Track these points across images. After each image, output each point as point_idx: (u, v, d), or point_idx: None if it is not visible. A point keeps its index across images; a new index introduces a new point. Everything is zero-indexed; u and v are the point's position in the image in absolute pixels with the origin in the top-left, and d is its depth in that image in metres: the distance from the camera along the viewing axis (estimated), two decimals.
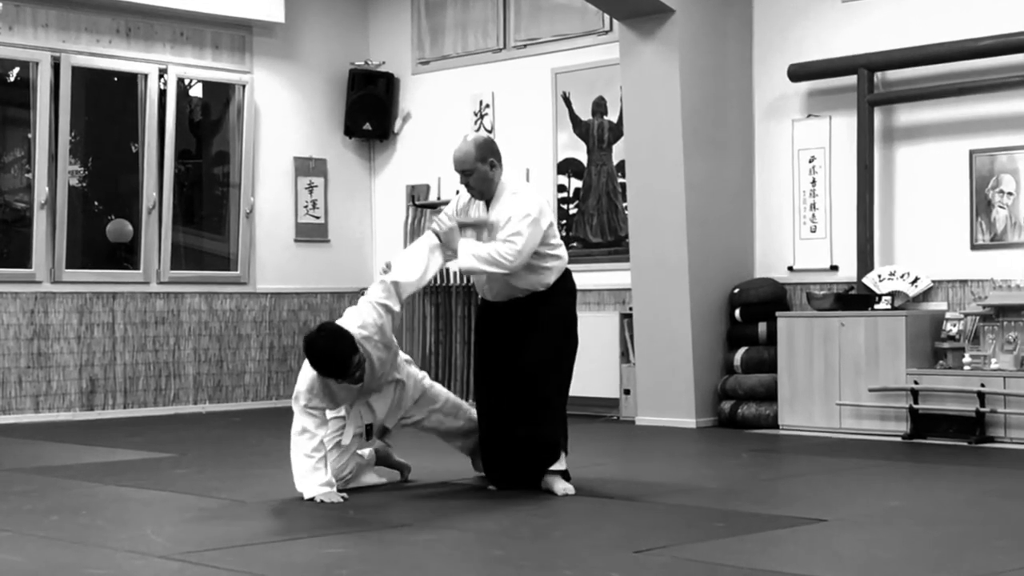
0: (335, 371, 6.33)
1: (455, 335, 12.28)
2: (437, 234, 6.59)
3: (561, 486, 6.62)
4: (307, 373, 6.41)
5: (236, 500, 6.47)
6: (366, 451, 6.86)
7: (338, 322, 6.51)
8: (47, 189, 11.07)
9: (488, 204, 6.69)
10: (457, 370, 12.25)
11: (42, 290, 11.09)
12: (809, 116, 10.28)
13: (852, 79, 9.89)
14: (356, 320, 6.47)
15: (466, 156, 6.62)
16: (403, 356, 6.84)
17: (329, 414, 6.53)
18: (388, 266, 6.67)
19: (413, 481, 7.04)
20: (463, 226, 6.63)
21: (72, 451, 8.80)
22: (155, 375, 11.62)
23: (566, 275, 6.84)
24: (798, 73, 10.14)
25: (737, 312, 10.21)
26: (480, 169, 6.61)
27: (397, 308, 6.56)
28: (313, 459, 6.33)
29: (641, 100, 10.27)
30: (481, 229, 6.64)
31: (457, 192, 6.98)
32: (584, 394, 11.00)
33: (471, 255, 6.48)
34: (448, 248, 6.60)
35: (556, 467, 6.66)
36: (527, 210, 6.54)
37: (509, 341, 6.72)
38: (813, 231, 10.22)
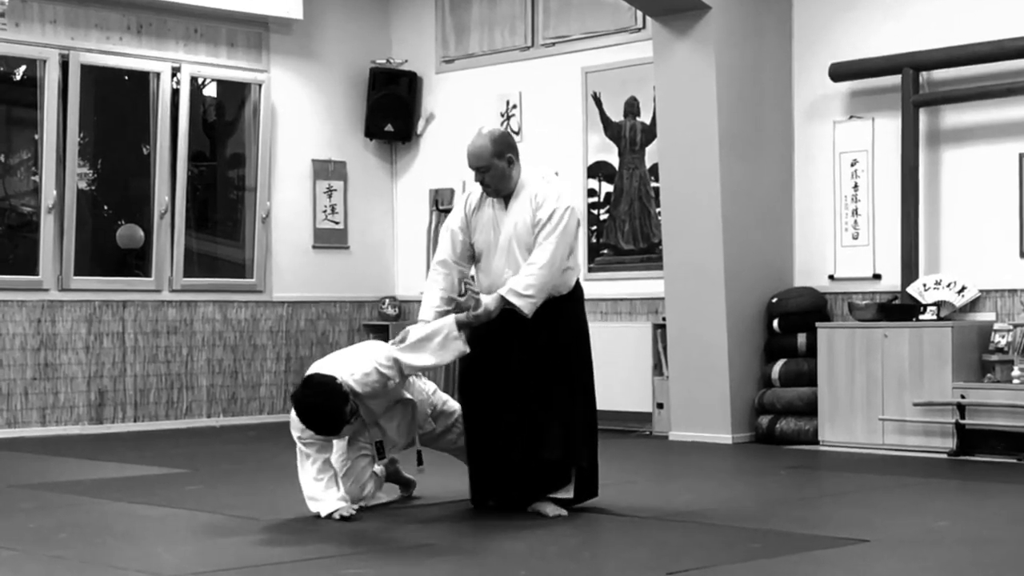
0: (327, 429, 6.31)
1: None
2: (462, 324, 6.34)
3: (552, 508, 6.47)
4: None
5: (250, 518, 6.48)
6: (378, 468, 6.86)
7: (330, 361, 6.47)
8: (55, 192, 11.11)
9: (507, 202, 6.52)
10: None
11: (49, 298, 11.14)
12: (851, 117, 10.26)
13: (896, 79, 9.87)
14: (350, 366, 6.38)
15: (481, 151, 6.47)
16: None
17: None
18: (404, 336, 6.39)
19: (423, 497, 7.03)
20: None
21: (80, 466, 8.83)
22: (167, 387, 11.65)
23: (578, 283, 6.73)
24: (839, 72, 10.13)
25: (775, 322, 10.20)
26: (497, 166, 6.47)
27: (397, 380, 6.39)
28: (323, 480, 6.32)
29: (675, 101, 10.27)
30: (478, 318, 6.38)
31: (466, 192, 6.77)
32: (615, 408, 11.01)
33: (524, 298, 6.24)
34: (482, 317, 6.32)
35: (562, 494, 6.52)
36: (567, 202, 6.42)
37: (528, 353, 6.44)
38: (855, 238, 10.20)
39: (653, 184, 11.11)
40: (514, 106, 12.22)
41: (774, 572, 5.12)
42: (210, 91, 12.69)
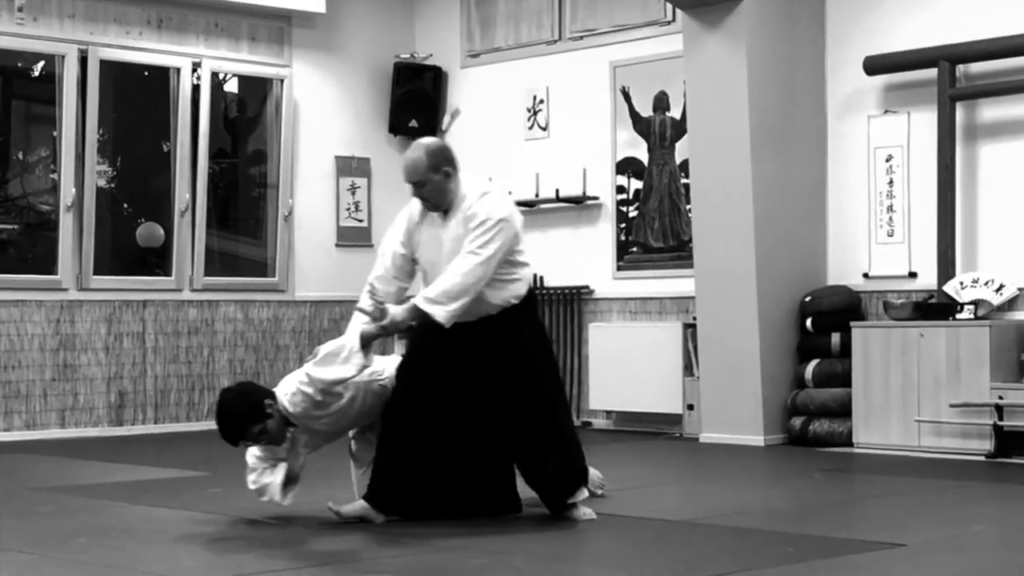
0: (225, 435, 6.40)
1: None
2: (365, 311, 6.29)
3: (583, 511, 6.49)
4: None
5: (273, 522, 6.49)
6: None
7: (285, 380, 6.50)
8: (74, 190, 11.15)
9: (446, 215, 6.39)
10: None
11: (68, 298, 11.17)
12: (886, 112, 10.24)
13: (932, 72, 9.84)
14: (285, 387, 6.44)
15: (416, 165, 6.35)
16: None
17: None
18: (316, 352, 6.39)
19: None
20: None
21: (100, 469, 8.86)
22: (187, 388, 11.67)
23: (533, 288, 6.65)
24: (874, 66, 10.11)
25: (808, 322, 10.18)
26: (434, 180, 6.34)
27: (319, 398, 6.33)
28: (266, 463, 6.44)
29: (706, 95, 10.26)
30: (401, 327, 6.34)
31: (408, 206, 6.62)
32: (645, 409, 11.02)
33: (435, 304, 6.15)
34: (389, 328, 6.26)
35: (578, 497, 6.52)
36: (501, 213, 6.30)
37: (471, 360, 6.37)
38: (890, 235, 10.18)
39: (683, 180, 11.10)
40: (541, 101, 12.22)
41: None
42: (231, 86, 12.73)
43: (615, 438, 10.85)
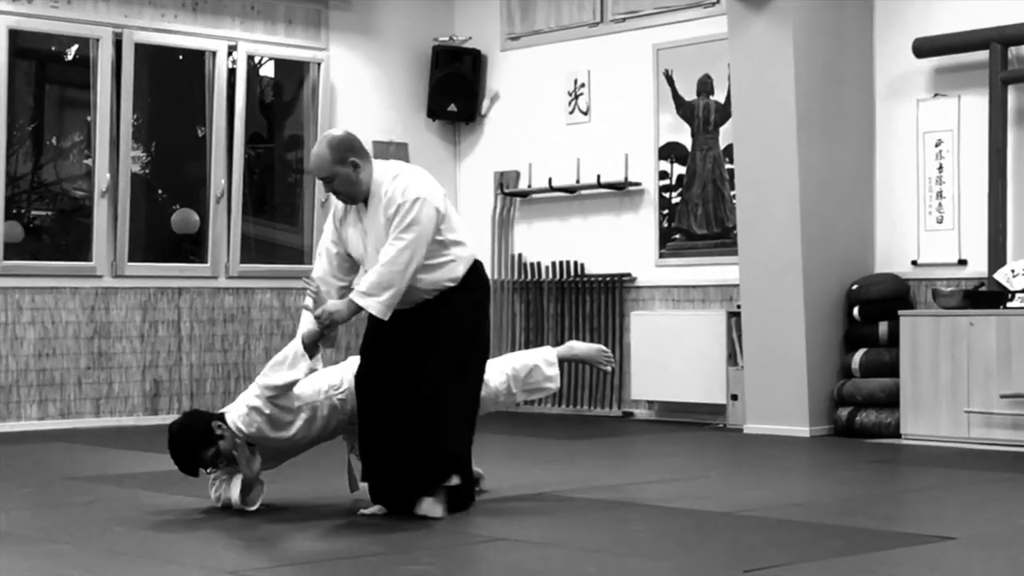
0: (182, 466, 6.45)
1: (547, 335, 12.31)
2: (308, 307, 6.34)
3: (438, 509, 6.27)
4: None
5: (311, 512, 6.53)
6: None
7: (235, 402, 6.52)
8: (108, 176, 11.20)
9: (366, 204, 6.33)
10: None
11: (103, 285, 11.24)
12: (936, 95, 10.20)
13: (983, 55, 9.80)
14: (237, 408, 6.46)
15: (321, 161, 6.27)
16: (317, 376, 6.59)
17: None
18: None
19: (490, 491, 7.05)
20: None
21: (135, 458, 8.92)
22: (223, 377, 11.73)
23: (477, 268, 6.54)
24: (924, 48, 10.07)
25: (855, 311, 10.16)
26: (341, 173, 6.26)
27: (268, 411, 6.32)
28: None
29: (751, 78, 10.24)
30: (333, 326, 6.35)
31: (333, 204, 6.59)
32: (688, 400, 11.02)
33: (368, 296, 6.15)
34: (324, 320, 6.27)
35: (451, 483, 6.31)
36: (413, 193, 6.20)
37: (407, 348, 6.36)
38: (939, 222, 10.15)
39: (727, 166, 11.09)
40: (582, 85, 12.23)
41: (856, 571, 5.11)
42: (267, 70, 12.77)
43: (657, 429, 10.86)
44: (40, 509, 6.76)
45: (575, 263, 12.17)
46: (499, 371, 6.96)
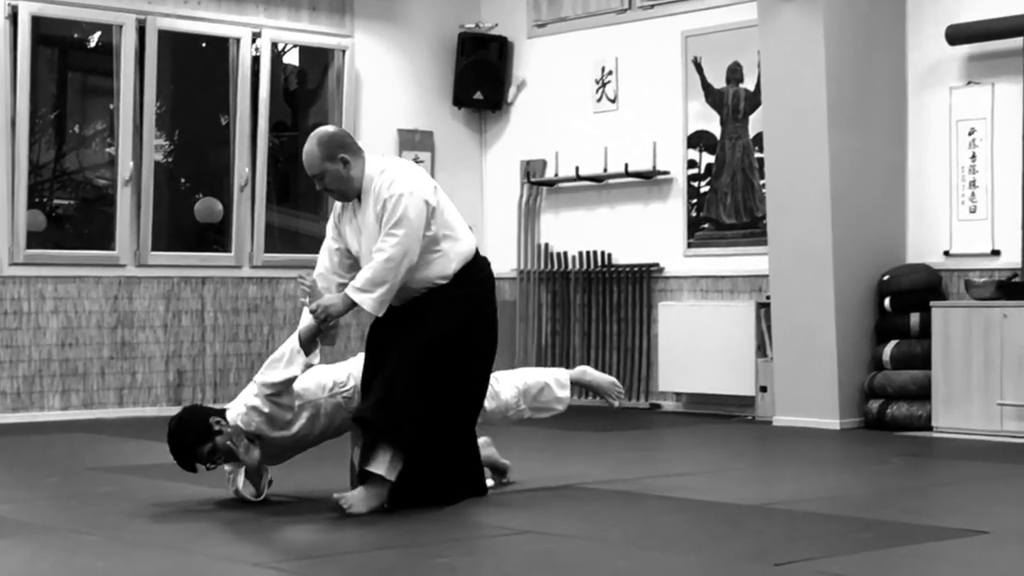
0: (179, 461, 6.45)
1: (574, 326, 12.31)
2: (305, 333, 6.29)
3: (362, 504, 6.14)
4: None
5: (332, 505, 6.53)
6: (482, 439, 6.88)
7: (236, 400, 6.51)
8: (131, 164, 11.23)
9: (360, 202, 6.34)
10: (575, 363, 12.26)
11: (126, 274, 11.27)
12: (969, 83, 10.17)
13: (1018, 42, 9.77)
14: (236, 408, 6.45)
15: (311, 159, 6.29)
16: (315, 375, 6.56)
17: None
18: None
19: (518, 482, 7.06)
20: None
21: (159, 449, 8.86)
22: (247, 367, 11.75)
23: (473, 264, 6.47)
24: (957, 35, 10.03)
25: (887, 301, 10.14)
26: (331, 170, 6.27)
27: (267, 409, 6.29)
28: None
29: (781, 66, 10.22)
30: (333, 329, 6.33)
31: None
32: (716, 391, 11.01)
33: (361, 292, 6.12)
34: (319, 315, 6.21)
35: (374, 468, 6.19)
36: (399, 188, 6.18)
37: (389, 342, 6.34)
38: (972, 211, 10.12)
39: (757, 154, 11.07)
40: (610, 72, 12.21)
41: (887, 564, 5.10)
42: (291, 58, 12.79)
43: (685, 421, 10.85)
44: (63, 500, 6.79)
45: (602, 253, 12.16)
46: (511, 384, 6.96)
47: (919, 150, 10.41)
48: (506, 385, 6.93)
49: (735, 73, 11.33)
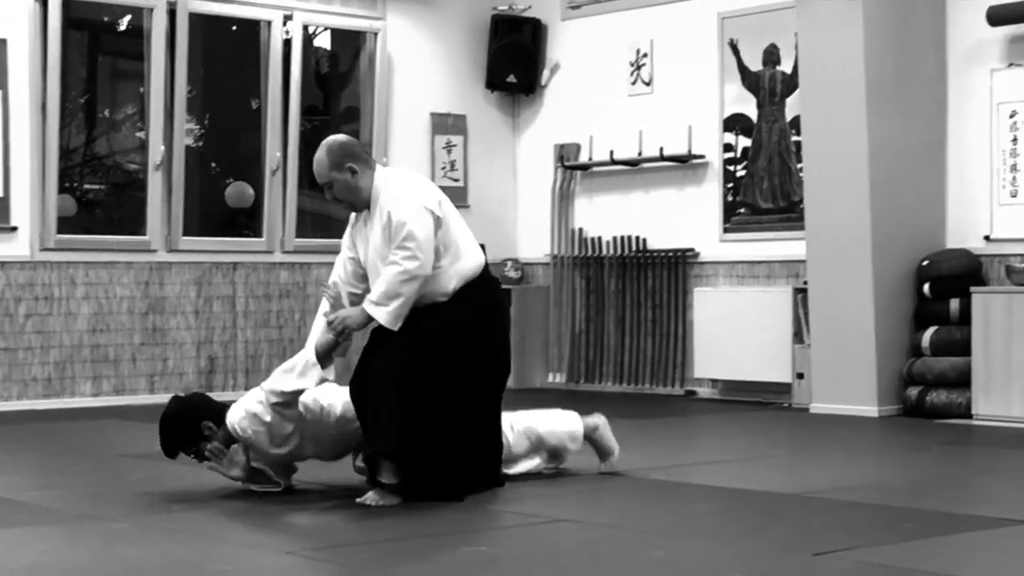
0: (164, 448, 6.40)
1: (608, 312, 12.29)
2: (322, 346, 6.28)
3: (378, 500, 6.17)
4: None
5: (363, 493, 6.54)
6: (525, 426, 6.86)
7: (240, 401, 6.41)
8: (162, 149, 11.24)
9: (369, 212, 6.32)
10: (610, 350, 12.26)
11: (157, 259, 11.29)
12: (1010, 65, 10.11)
13: None
14: (237, 410, 6.36)
15: (319, 167, 6.32)
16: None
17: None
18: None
19: (564, 471, 7.05)
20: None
21: None
22: (279, 353, 11.76)
23: (475, 283, 6.39)
24: (998, 16, 9.98)
25: (926, 287, 10.10)
26: (339, 179, 6.28)
27: (268, 418, 6.23)
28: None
29: (818, 48, 10.18)
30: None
31: None
32: (752, 378, 10.99)
33: (377, 306, 6.09)
34: (336, 326, 6.21)
35: (385, 478, 6.21)
36: (405, 200, 6.17)
37: (377, 345, 6.33)
38: (1013, 196, 10.07)
39: (794, 138, 11.04)
40: (644, 55, 12.18)
41: (929, 554, 5.08)
42: (323, 41, 12.79)
43: (721, 408, 10.84)
44: (94, 487, 6.81)
45: (637, 238, 12.14)
46: (523, 436, 6.84)
47: (959, 133, 10.35)
48: (519, 438, 6.82)
49: (772, 55, 11.29)
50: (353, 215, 6.52)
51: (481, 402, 6.46)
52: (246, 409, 6.31)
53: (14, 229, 10.64)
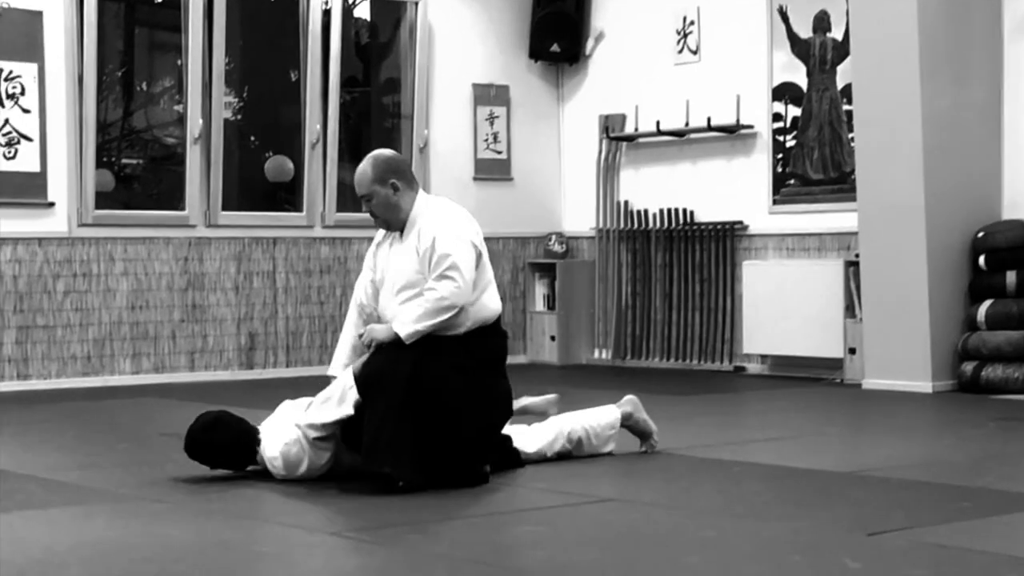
0: (197, 456, 6.36)
1: (655, 286, 12.27)
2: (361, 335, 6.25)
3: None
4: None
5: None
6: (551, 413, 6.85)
7: (273, 432, 6.36)
8: (200, 122, 11.25)
9: (402, 234, 6.29)
10: (656, 325, 12.24)
11: (196, 235, 11.31)
12: None
13: None
14: (275, 440, 6.29)
15: (361, 178, 6.29)
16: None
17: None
18: (308, 404, 6.34)
19: (616, 452, 7.03)
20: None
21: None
22: (320, 330, 11.79)
23: (484, 331, 6.29)
24: None
25: (981, 259, 10.04)
26: (380, 193, 6.24)
27: (305, 458, 6.17)
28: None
29: (871, 14, 10.11)
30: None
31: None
32: (803, 354, 10.96)
33: (404, 325, 6.04)
34: (372, 344, 6.14)
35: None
36: (454, 231, 6.15)
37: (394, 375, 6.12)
38: None
39: (845, 107, 10.97)
40: (691, 23, 12.12)
41: (987, 534, 5.04)
42: (363, 11, 12.78)
43: (770, 384, 10.80)
44: (135, 466, 6.84)
45: (684, 210, 12.10)
46: (555, 432, 6.80)
47: (1015, 102, 10.27)
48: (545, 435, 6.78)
49: (822, 22, 11.22)
50: (379, 234, 6.50)
51: (484, 413, 6.33)
52: (282, 452, 6.22)
53: (52, 205, 10.68)
